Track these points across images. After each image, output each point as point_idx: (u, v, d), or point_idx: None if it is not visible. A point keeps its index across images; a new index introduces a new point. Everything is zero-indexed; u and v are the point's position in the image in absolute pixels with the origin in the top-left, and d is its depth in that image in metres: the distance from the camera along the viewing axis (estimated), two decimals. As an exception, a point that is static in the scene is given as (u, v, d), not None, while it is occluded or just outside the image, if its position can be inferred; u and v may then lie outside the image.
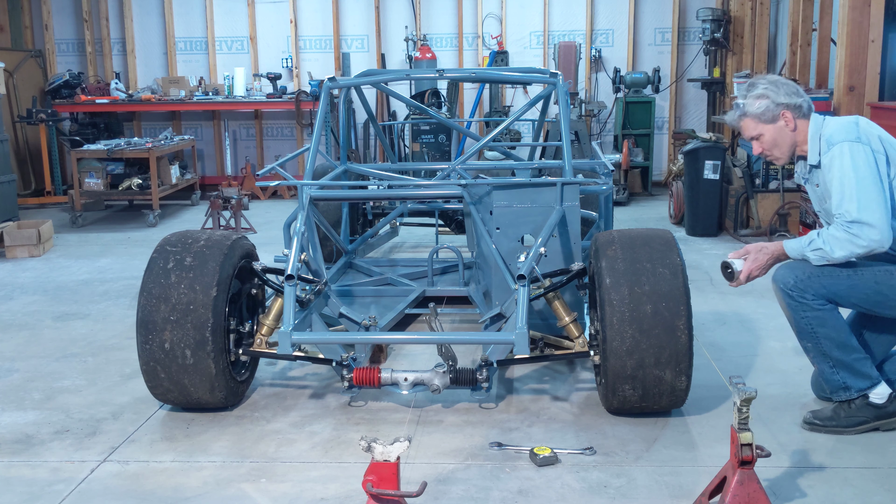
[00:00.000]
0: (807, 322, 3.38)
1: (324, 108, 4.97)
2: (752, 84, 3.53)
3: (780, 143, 3.50)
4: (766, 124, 3.48)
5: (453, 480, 3.14)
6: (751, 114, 3.48)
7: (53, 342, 4.96)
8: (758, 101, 3.46)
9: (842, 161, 3.29)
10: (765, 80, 3.51)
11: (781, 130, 3.47)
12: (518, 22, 10.78)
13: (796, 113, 3.46)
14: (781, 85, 3.48)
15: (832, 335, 3.37)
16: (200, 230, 4.56)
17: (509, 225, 4.28)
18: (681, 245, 3.71)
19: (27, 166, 10.57)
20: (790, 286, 3.37)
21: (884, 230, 3.21)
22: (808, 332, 3.41)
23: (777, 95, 3.45)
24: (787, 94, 3.45)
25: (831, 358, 3.41)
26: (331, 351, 3.85)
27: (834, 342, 3.38)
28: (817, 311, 3.35)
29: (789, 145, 3.50)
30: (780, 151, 3.53)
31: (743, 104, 3.51)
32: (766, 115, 3.46)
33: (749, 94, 3.50)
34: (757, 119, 3.48)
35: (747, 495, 2.62)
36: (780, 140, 3.49)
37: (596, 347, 3.72)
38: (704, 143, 7.78)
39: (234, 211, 8.32)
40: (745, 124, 3.53)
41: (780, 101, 3.44)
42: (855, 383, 3.43)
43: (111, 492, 3.12)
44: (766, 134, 3.49)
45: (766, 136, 3.50)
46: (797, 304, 3.37)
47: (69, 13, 11.16)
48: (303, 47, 10.99)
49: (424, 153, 9.45)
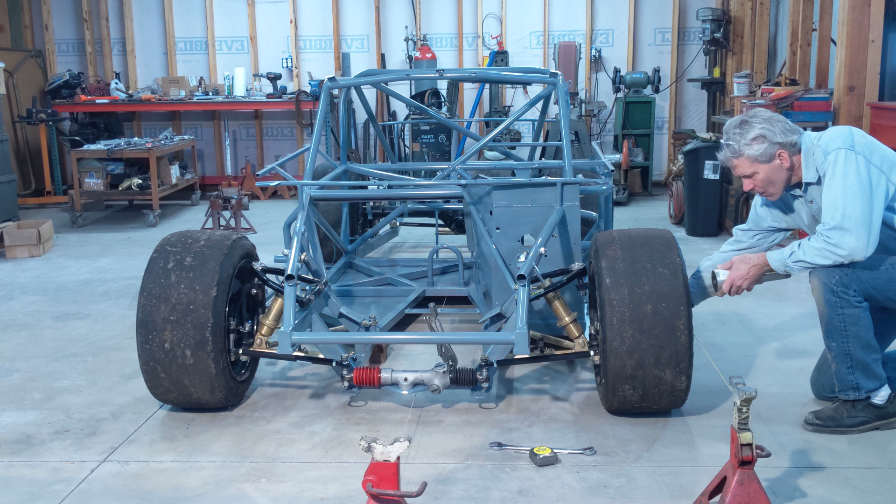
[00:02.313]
0: (841, 320, 3.36)
1: (324, 108, 4.97)
2: (747, 123, 3.43)
3: (775, 181, 3.46)
4: (761, 164, 3.42)
5: (453, 480, 3.14)
6: (747, 155, 3.42)
7: (53, 342, 4.96)
8: (755, 142, 3.40)
9: (834, 168, 3.29)
10: (759, 120, 3.42)
11: (777, 169, 3.43)
12: (518, 22, 10.78)
13: (792, 151, 3.42)
14: (776, 122, 3.41)
15: (861, 334, 3.37)
16: (200, 230, 4.56)
17: (509, 225, 4.28)
18: (681, 245, 3.71)
19: (27, 166, 10.57)
20: (834, 281, 3.34)
21: (861, 238, 3.22)
22: (839, 330, 3.39)
23: (774, 135, 3.39)
24: (783, 132, 3.40)
25: (853, 358, 3.40)
26: (331, 351, 3.85)
27: (860, 342, 3.37)
28: (855, 309, 3.34)
29: (784, 181, 3.47)
30: (774, 188, 3.50)
31: (738, 146, 3.43)
32: (764, 156, 3.40)
33: (745, 135, 3.42)
34: (753, 160, 3.42)
35: (747, 495, 2.62)
36: (774, 178, 3.45)
37: (596, 347, 3.72)
38: (704, 143, 7.78)
39: (234, 211, 8.32)
40: (739, 164, 3.47)
41: (777, 141, 3.39)
42: (866, 384, 3.43)
43: (111, 492, 3.12)
44: (761, 173, 3.45)
45: (760, 175, 3.45)
46: (838, 299, 3.35)
47: (69, 13, 11.16)
48: (303, 47, 10.99)
49: (424, 153, 9.45)
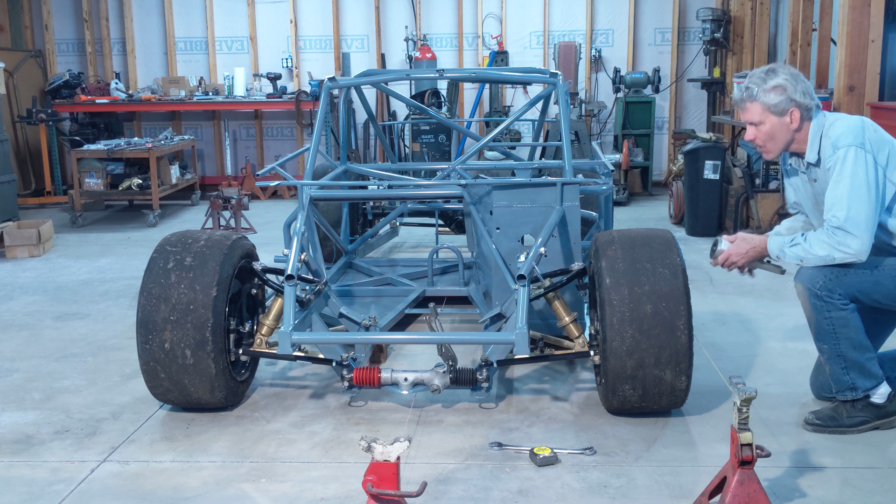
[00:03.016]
0: (829, 323, 3.37)
1: (324, 108, 4.97)
2: (773, 71, 3.39)
3: (777, 138, 3.43)
4: (772, 115, 3.39)
5: (453, 480, 3.14)
6: (761, 101, 3.38)
7: (53, 342, 4.96)
8: (773, 91, 3.36)
9: (843, 166, 3.28)
10: (786, 72, 3.38)
11: (784, 126, 3.40)
12: (518, 22, 10.78)
13: (805, 114, 3.39)
14: (800, 81, 3.37)
15: (852, 336, 3.36)
16: (200, 230, 4.56)
17: (509, 225, 4.28)
18: (681, 245, 3.71)
19: (27, 166, 10.57)
20: (818, 286, 3.34)
21: (865, 241, 3.24)
22: (828, 332, 3.39)
23: (794, 92, 3.35)
24: (802, 92, 3.37)
25: (846, 359, 3.40)
26: (331, 351, 3.85)
27: (852, 343, 3.37)
28: (842, 312, 3.34)
29: (785, 142, 3.45)
30: (772, 145, 3.46)
31: (756, 89, 3.38)
32: (777, 108, 3.37)
33: (766, 81, 3.37)
34: (765, 108, 3.39)
35: (747, 495, 2.62)
36: (778, 135, 3.42)
37: (596, 347, 3.72)
38: (704, 143, 7.78)
39: (234, 211, 8.31)
40: (751, 108, 3.42)
41: (795, 99, 3.36)
42: (863, 383, 3.43)
43: (111, 492, 3.12)
44: (767, 125, 3.41)
45: (765, 127, 3.42)
46: (823, 304, 3.35)
47: (69, 13, 11.16)
48: (303, 47, 10.99)
49: (424, 153, 9.44)
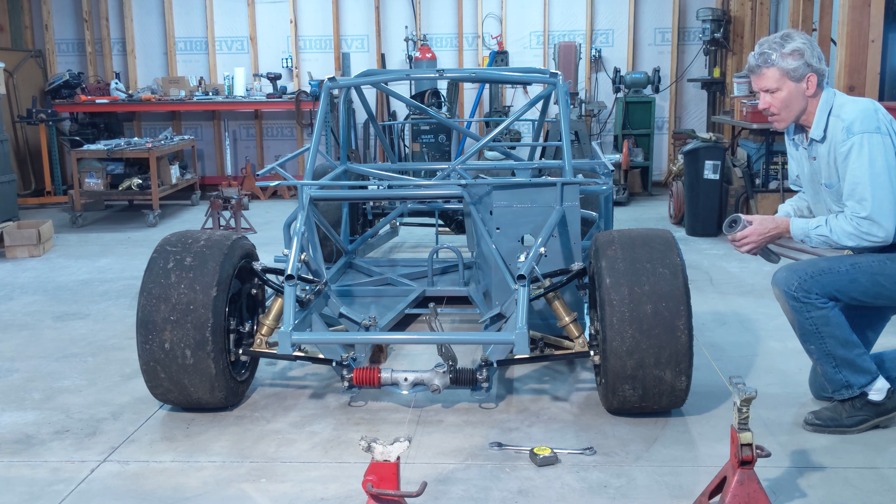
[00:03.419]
0: (811, 323, 3.37)
1: (324, 108, 4.97)
2: (788, 36, 3.31)
3: (792, 106, 3.36)
4: (790, 81, 3.31)
5: (453, 480, 3.14)
6: (780, 66, 3.30)
7: (53, 342, 4.96)
8: (792, 55, 3.28)
9: (860, 154, 3.24)
10: (802, 36, 3.31)
11: (800, 93, 3.33)
12: (518, 22, 10.78)
13: (820, 80, 3.33)
14: (815, 46, 3.32)
15: (836, 333, 3.36)
16: (200, 230, 4.56)
17: (509, 225, 4.28)
18: (681, 245, 3.71)
19: (27, 166, 10.57)
20: (794, 288, 3.35)
21: (890, 229, 3.25)
22: (812, 332, 3.39)
23: (811, 56, 3.29)
24: (819, 58, 3.31)
25: (835, 357, 3.40)
26: (331, 351, 3.85)
27: (838, 340, 3.37)
28: (821, 310, 3.34)
29: (799, 110, 3.37)
30: (787, 113, 3.38)
31: (774, 55, 3.30)
32: (795, 72, 3.29)
33: (784, 45, 3.29)
34: (783, 73, 3.30)
35: (747, 495, 2.62)
36: (794, 102, 3.35)
37: (596, 347, 3.72)
38: (704, 143, 7.78)
39: (234, 211, 8.31)
40: (768, 74, 3.33)
41: (812, 64, 3.29)
42: (857, 380, 3.43)
43: (111, 492, 3.11)
44: (784, 91, 3.33)
45: (782, 94, 3.34)
46: (801, 305, 3.35)
47: (69, 13, 11.16)
48: (303, 47, 10.99)
49: (424, 153, 9.44)
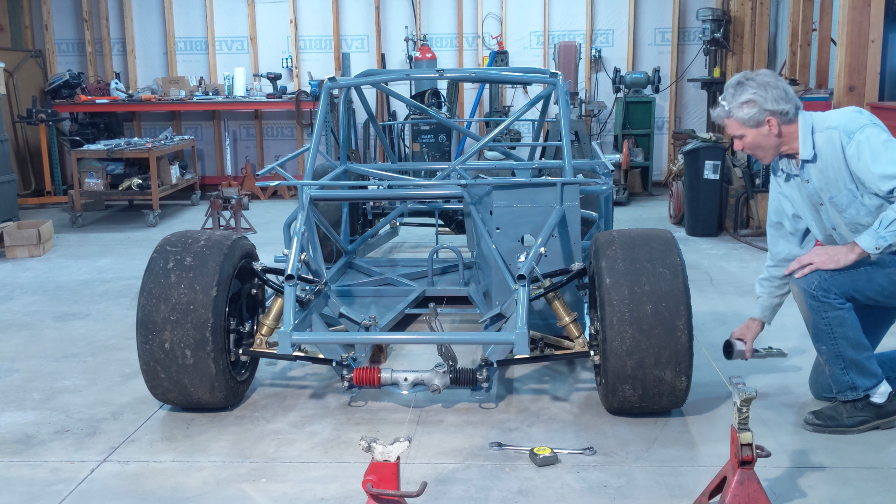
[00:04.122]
0: (826, 323, 3.38)
1: (324, 108, 4.97)
2: (741, 85, 3.44)
3: (763, 146, 3.48)
4: (750, 128, 3.44)
5: (453, 480, 3.14)
6: (736, 117, 3.44)
7: (53, 342, 4.96)
8: (745, 106, 3.41)
9: (871, 143, 3.28)
10: (754, 84, 3.42)
11: (765, 135, 3.44)
12: (518, 22, 10.78)
13: (782, 119, 3.41)
14: (771, 89, 3.40)
15: (849, 335, 3.37)
16: (200, 230, 4.56)
17: (509, 225, 4.28)
18: (681, 245, 3.71)
19: (27, 166, 10.57)
20: (814, 286, 3.36)
21: None
22: (826, 333, 3.40)
23: (765, 101, 3.39)
24: (775, 99, 3.39)
25: (845, 359, 3.41)
26: (331, 351, 3.85)
27: (850, 342, 3.38)
28: (838, 311, 3.35)
29: (772, 147, 3.48)
30: (762, 153, 3.51)
31: (729, 107, 3.45)
32: (752, 121, 3.42)
33: (737, 97, 3.43)
34: (741, 123, 3.44)
35: (747, 495, 2.62)
36: (762, 143, 3.47)
37: (596, 347, 3.72)
38: (704, 143, 7.78)
39: (234, 211, 8.31)
40: (729, 124, 3.50)
41: (767, 108, 3.39)
42: (863, 382, 3.44)
43: (111, 492, 3.12)
44: (749, 137, 3.46)
45: (748, 139, 3.47)
46: (820, 304, 3.36)
47: (69, 13, 11.16)
48: (303, 47, 10.99)
49: (424, 153, 9.44)
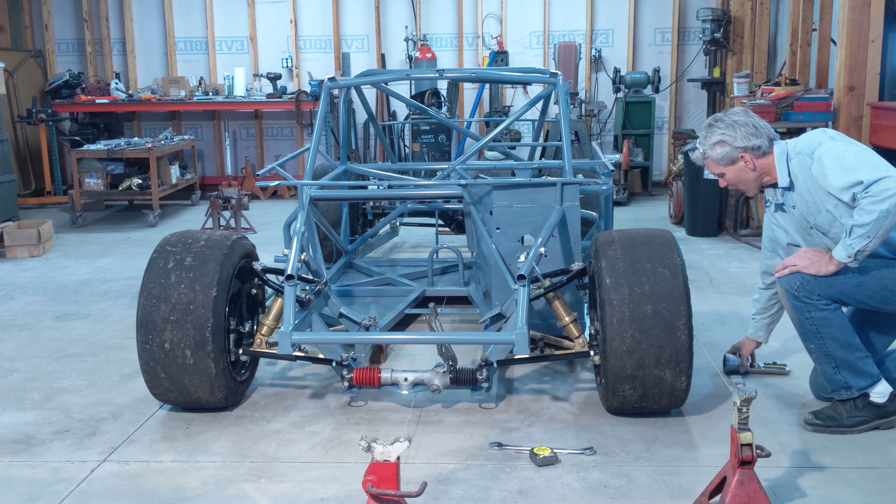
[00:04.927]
0: (811, 323, 3.38)
1: (324, 108, 4.97)
2: (711, 127, 3.58)
3: (744, 179, 3.60)
4: (726, 166, 3.58)
5: (453, 480, 3.14)
6: (711, 158, 3.59)
7: (53, 342, 4.96)
8: (717, 146, 3.55)
9: (828, 154, 3.31)
10: (722, 125, 3.54)
11: (742, 170, 3.56)
12: (518, 22, 10.78)
13: (756, 154, 3.52)
14: (739, 127, 3.50)
15: (837, 335, 3.37)
16: (200, 230, 4.56)
17: (509, 225, 4.28)
18: (681, 245, 3.72)
19: (27, 166, 10.57)
20: (796, 287, 3.37)
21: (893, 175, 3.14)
22: (812, 333, 3.40)
23: (735, 140, 3.50)
24: (745, 136, 3.49)
25: (835, 358, 3.41)
26: (331, 351, 3.85)
27: (838, 342, 3.38)
28: (823, 312, 3.35)
29: (753, 181, 3.60)
30: (745, 186, 3.64)
31: (703, 149, 3.61)
32: (726, 159, 3.55)
33: (707, 139, 3.57)
34: (718, 163, 3.59)
35: (747, 495, 2.62)
36: (743, 178, 3.59)
37: (596, 347, 3.72)
38: (704, 143, 7.76)
39: (234, 211, 8.32)
40: (708, 164, 3.65)
41: (738, 146, 3.51)
42: (856, 382, 3.43)
43: (111, 492, 3.12)
44: (728, 174, 3.61)
45: (728, 175, 3.61)
46: (803, 304, 3.37)
47: (69, 13, 11.16)
48: (303, 47, 10.99)
49: (424, 153, 9.44)
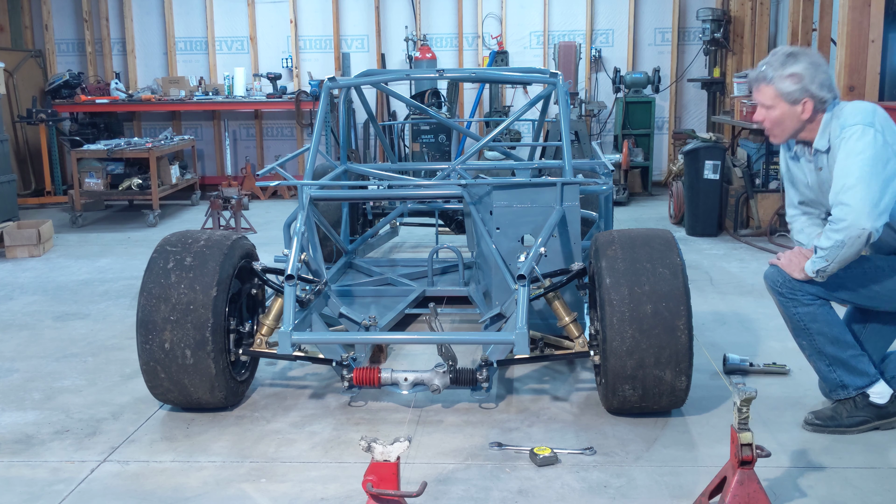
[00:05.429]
0: (799, 318, 3.37)
1: (324, 108, 4.97)
2: (793, 56, 3.23)
3: (785, 125, 3.29)
4: (784, 102, 3.24)
5: (453, 480, 3.14)
6: (776, 86, 3.24)
7: (53, 342, 4.95)
8: (790, 79, 3.21)
9: (848, 144, 3.13)
10: (806, 60, 3.22)
11: (794, 116, 3.25)
12: (518, 22, 10.78)
13: (818, 106, 3.23)
14: (821, 72, 3.21)
15: (825, 330, 3.36)
16: (200, 230, 4.56)
17: (509, 225, 4.28)
18: (681, 245, 3.71)
19: (27, 166, 10.57)
20: (779, 283, 3.37)
21: (861, 212, 3.03)
22: (801, 328, 3.39)
23: (811, 82, 3.20)
24: (820, 84, 3.21)
25: (826, 355, 3.40)
26: (331, 351, 3.85)
27: (827, 338, 3.37)
28: (808, 307, 3.34)
29: (793, 130, 3.30)
30: (780, 131, 3.32)
31: (772, 73, 3.23)
32: (790, 96, 3.22)
33: (784, 67, 3.22)
34: (778, 94, 3.24)
35: (747, 495, 2.62)
36: (787, 122, 3.28)
37: (596, 347, 3.71)
38: (704, 143, 7.78)
39: (234, 211, 8.31)
40: (764, 91, 3.29)
41: (810, 90, 3.20)
42: (852, 381, 3.42)
43: (111, 492, 3.11)
44: (778, 111, 3.26)
45: (775, 112, 3.27)
46: (788, 300, 3.36)
47: (69, 13, 11.16)
48: (303, 47, 10.99)
49: (424, 153, 9.44)
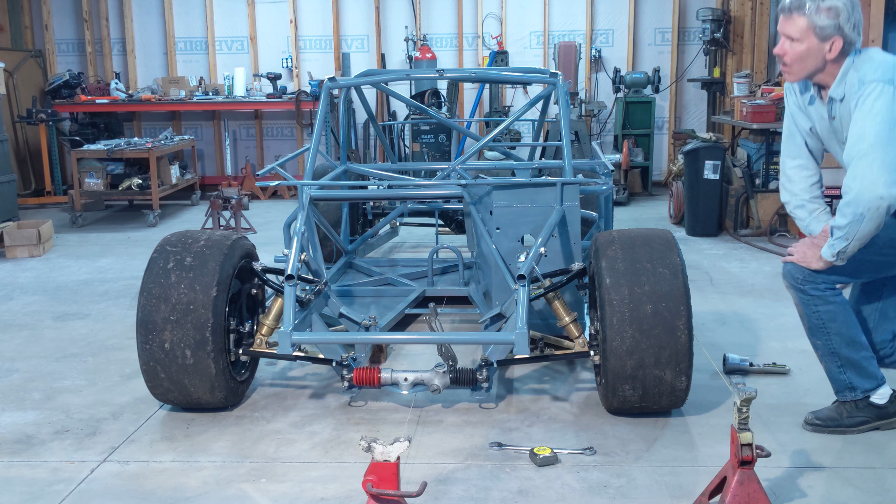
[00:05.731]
0: (818, 317, 3.36)
1: (324, 108, 4.97)
2: None
3: (807, 63, 3.16)
4: (814, 37, 3.11)
5: (453, 480, 3.14)
6: (810, 19, 3.10)
7: (53, 342, 4.96)
8: (826, 12, 3.07)
9: (865, 103, 3.04)
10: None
11: (820, 53, 3.13)
12: (518, 22, 10.78)
13: (846, 48, 3.12)
14: (856, 12, 3.10)
15: (843, 331, 3.35)
16: (200, 230, 4.56)
17: (509, 225, 4.28)
18: (681, 245, 3.71)
19: (27, 166, 10.57)
20: (800, 280, 3.34)
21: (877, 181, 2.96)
22: (819, 327, 3.38)
23: (846, 21, 3.07)
24: (854, 25, 3.10)
25: (840, 356, 3.39)
26: (331, 351, 3.85)
27: (844, 338, 3.36)
28: (829, 305, 3.32)
29: (813, 69, 3.18)
30: (799, 68, 3.19)
31: (809, 4, 3.09)
32: (822, 31, 3.09)
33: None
34: (810, 28, 3.10)
35: (747, 495, 2.62)
36: (809, 59, 3.15)
37: (596, 347, 3.72)
38: (704, 143, 7.78)
39: (234, 211, 8.31)
40: (796, 21, 3.13)
41: (843, 28, 3.08)
42: (861, 384, 3.42)
43: (111, 492, 3.12)
44: (804, 45, 3.13)
45: (801, 46, 3.14)
46: (809, 297, 3.34)
47: (69, 13, 11.16)
48: (303, 47, 10.99)
49: (424, 153, 9.45)
